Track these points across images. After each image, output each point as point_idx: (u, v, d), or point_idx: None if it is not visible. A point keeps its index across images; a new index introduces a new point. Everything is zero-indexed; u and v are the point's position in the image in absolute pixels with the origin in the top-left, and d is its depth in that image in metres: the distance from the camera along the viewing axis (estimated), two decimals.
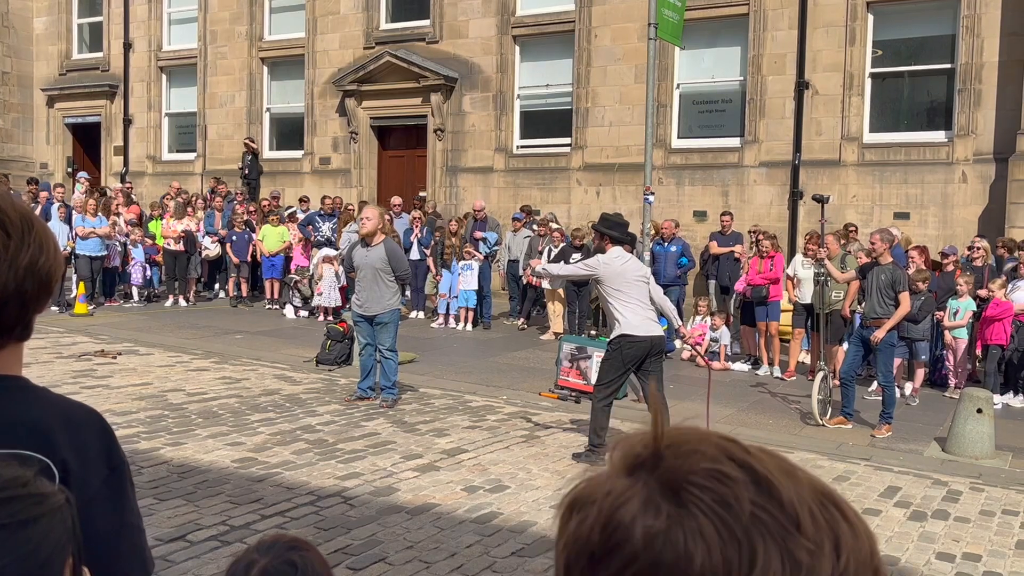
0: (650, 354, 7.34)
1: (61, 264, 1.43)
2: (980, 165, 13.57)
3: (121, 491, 1.50)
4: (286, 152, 20.53)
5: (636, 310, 7.31)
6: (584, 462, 7.35)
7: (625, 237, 7.72)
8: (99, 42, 23.52)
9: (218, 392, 9.48)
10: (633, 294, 7.34)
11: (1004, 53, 13.33)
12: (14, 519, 0.98)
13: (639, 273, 7.52)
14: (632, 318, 7.28)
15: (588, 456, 7.40)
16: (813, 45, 14.66)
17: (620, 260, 7.46)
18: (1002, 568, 5.53)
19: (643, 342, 7.29)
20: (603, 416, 7.38)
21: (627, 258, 7.54)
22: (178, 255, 16.45)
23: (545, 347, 13.12)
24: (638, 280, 7.44)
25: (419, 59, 18.09)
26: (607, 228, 7.65)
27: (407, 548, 5.35)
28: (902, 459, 8.04)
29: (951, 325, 10.91)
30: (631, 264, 7.52)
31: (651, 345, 7.32)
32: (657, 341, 7.40)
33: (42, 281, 1.39)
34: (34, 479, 1.03)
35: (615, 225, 7.73)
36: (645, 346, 7.29)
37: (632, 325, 7.27)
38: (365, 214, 9.32)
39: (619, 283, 7.34)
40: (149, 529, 5.32)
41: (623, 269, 7.41)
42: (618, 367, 7.37)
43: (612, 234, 7.57)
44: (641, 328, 7.28)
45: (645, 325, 7.31)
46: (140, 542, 1.53)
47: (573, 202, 16.58)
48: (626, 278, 7.36)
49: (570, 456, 7.57)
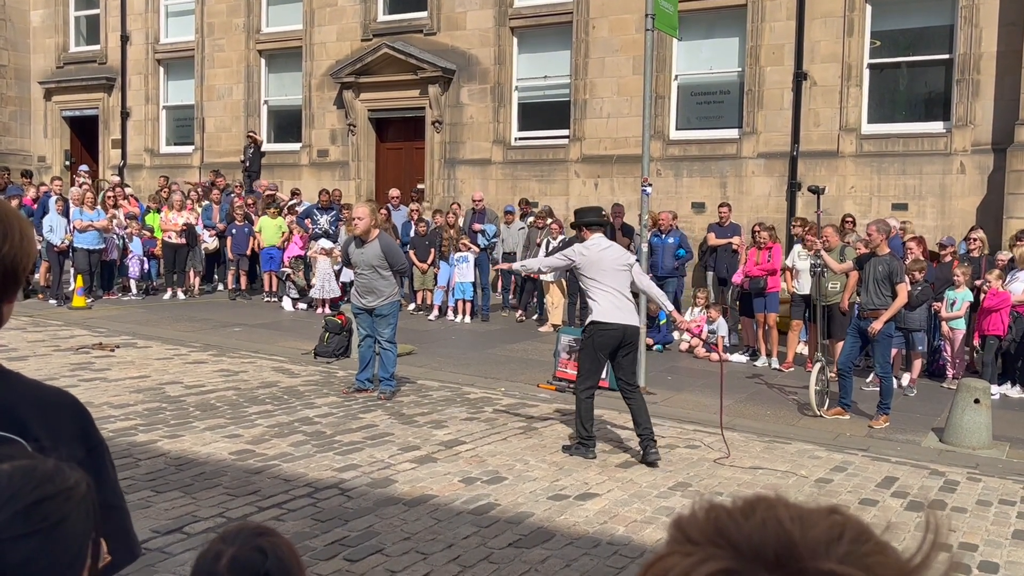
0: (623, 343, 7.27)
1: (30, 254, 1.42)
2: (978, 156, 13.56)
3: (101, 472, 1.50)
4: (284, 145, 20.49)
5: (610, 298, 7.23)
6: (573, 454, 7.34)
7: (601, 220, 7.75)
8: (96, 35, 23.45)
9: (216, 384, 9.48)
10: (609, 282, 7.26)
11: (1002, 43, 13.31)
12: (47, 522, 0.99)
13: (620, 261, 7.40)
14: (605, 305, 7.21)
15: (577, 448, 7.38)
16: (811, 36, 14.63)
17: (598, 248, 7.40)
18: (998, 558, 5.55)
19: (615, 330, 7.20)
20: (588, 407, 7.35)
21: (605, 245, 7.49)
22: (178, 248, 16.44)
23: (543, 339, 13.12)
24: (619, 269, 7.35)
25: (417, 51, 18.05)
26: (580, 218, 7.67)
27: (404, 539, 5.36)
28: (899, 449, 8.06)
29: (948, 316, 10.92)
30: (610, 252, 7.44)
31: (623, 334, 7.25)
32: (631, 331, 7.34)
33: (8, 269, 1.39)
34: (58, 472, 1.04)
35: (587, 212, 7.75)
36: (617, 334, 7.21)
37: (603, 312, 7.20)
38: (356, 214, 9.27)
39: (594, 271, 7.29)
40: (147, 521, 5.35)
41: (600, 257, 7.34)
42: (591, 356, 7.32)
43: (586, 221, 7.56)
44: (612, 315, 7.20)
45: (617, 313, 7.23)
46: (125, 524, 1.52)
47: (571, 194, 16.56)
48: (603, 266, 7.30)
49: None
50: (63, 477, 1.04)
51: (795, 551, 0.67)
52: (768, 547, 0.68)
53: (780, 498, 0.74)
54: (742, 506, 0.73)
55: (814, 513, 0.71)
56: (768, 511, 0.71)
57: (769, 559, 0.67)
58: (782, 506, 0.72)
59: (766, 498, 0.74)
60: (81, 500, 1.03)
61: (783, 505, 0.72)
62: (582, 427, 7.36)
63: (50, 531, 0.99)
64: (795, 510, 0.71)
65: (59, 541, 1.00)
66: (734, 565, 0.68)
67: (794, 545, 0.68)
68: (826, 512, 0.72)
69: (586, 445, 7.35)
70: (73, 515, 1.02)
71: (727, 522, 0.71)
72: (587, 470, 7.03)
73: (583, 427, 7.35)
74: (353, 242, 9.26)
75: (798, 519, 0.70)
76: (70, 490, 1.03)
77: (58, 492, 1.02)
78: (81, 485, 1.04)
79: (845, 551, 0.68)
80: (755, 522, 0.70)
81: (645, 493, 6.53)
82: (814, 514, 0.71)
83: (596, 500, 6.31)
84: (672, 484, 6.76)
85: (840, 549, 0.68)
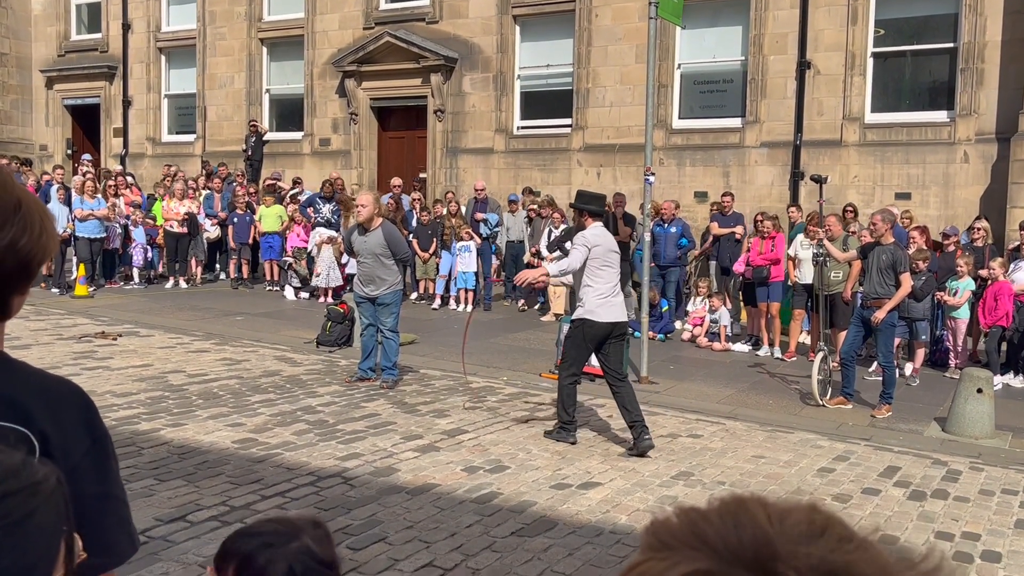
0: (611, 335, 7.31)
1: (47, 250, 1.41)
2: (982, 145, 13.51)
3: (104, 462, 1.49)
4: (286, 133, 20.45)
5: (607, 294, 7.27)
6: (554, 439, 7.40)
7: (602, 211, 7.79)
8: (98, 23, 23.40)
9: (219, 373, 9.49)
10: (610, 275, 7.32)
11: (1007, 32, 13.25)
12: (10, 518, 0.95)
13: (614, 247, 7.53)
14: (599, 301, 7.24)
15: (558, 433, 7.45)
16: (815, 24, 14.57)
17: (603, 235, 7.47)
18: (1001, 547, 5.55)
19: (606, 326, 7.28)
20: (570, 392, 7.39)
21: (605, 232, 7.58)
22: (180, 237, 16.44)
23: (545, 328, 13.12)
24: (616, 260, 7.48)
25: (419, 39, 18.00)
26: (584, 203, 7.64)
27: (407, 528, 5.36)
28: (902, 439, 8.06)
29: (951, 302, 10.90)
30: (609, 239, 7.54)
31: (613, 327, 7.30)
32: (620, 324, 7.39)
33: (22, 262, 1.37)
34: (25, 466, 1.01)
35: (592, 199, 7.73)
36: (608, 328, 7.27)
37: (596, 310, 7.23)
38: (360, 201, 9.27)
39: (600, 262, 7.31)
40: (149, 510, 5.36)
41: (607, 246, 7.42)
42: (579, 344, 7.36)
43: (590, 208, 7.56)
44: (604, 315, 7.24)
45: (610, 310, 7.27)
46: (125, 515, 1.52)
47: (574, 183, 16.50)
48: (608, 259, 7.37)
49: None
50: (30, 471, 0.99)
51: (773, 550, 0.65)
52: (746, 547, 0.66)
53: (756, 497, 0.71)
54: (717, 507, 0.71)
55: (792, 511, 0.69)
56: (744, 511, 0.69)
57: (748, 559, 0.65)
58: (758, 505, 0.70)
59: (741, 498, 0.72)
60: (50, 495, 0.99)
61: (759, 504, 0.70)
62: (564, 411, 7.41)
63: (13, 527, 0.95)
64: (772, 509, 0.69)
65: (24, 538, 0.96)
66: (711, 566, 0.66)
67: (772, 544, 0.66)
68: (805, 510, 0.70)
69: (567, 429, 7.40)
70: (40, 511, 0.98)
71: (702, 524, 0.69)
72: (589, 459, 7.03)
73: (564, 411, 7.41)
74: (356, 230, 9.24)
75: (776, 518, 0.68)
76: (37, 484, 0.99)
77: (24, 487, 0.97)
78: (50, 480, 1.00)
79: (826, 549, 0.66)
80: (731, 523, 0.68)
81: (648, 482, 6.53)
82: (792, 512, 0.69)
83: (599, 489, 6.31)
84: (675, 473, 6.77)
85: (820, 547, 0.66)
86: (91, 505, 1.43)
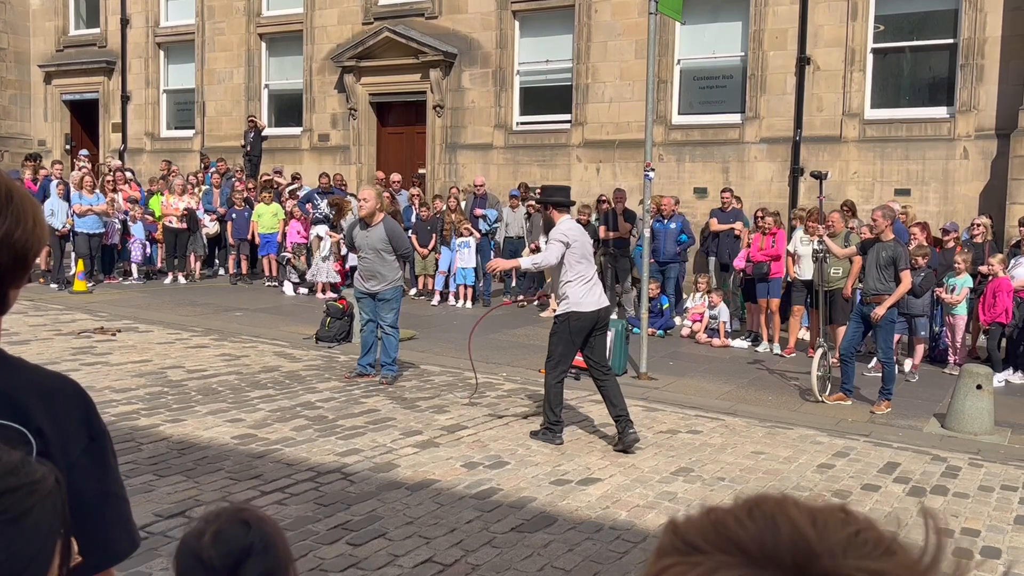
0: (596, 326, 7.26)
1: (41, 240, 1.40)
2: (982, 141, 13.50)
3: (103, 460, 1.48)
4: (285, 129, 20.42)
5: (588, 283, 7.23)
6: (540, 439, 7.30)
7: (569, 201, 7.75)
8: (96, 18, 23.35)
9: (218, 369, 9.48)
10: (581, 268, 7.24)
11: (1007, 28, 13.23)
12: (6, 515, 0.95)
13: (588, 240, 7.51)
14: (583, 290, 7.18)
15: (544, 434, 7.33)
16: (815, 20, 14.55)
17: (578, 230, 7.42)
18: (1000, 543, 5.55)
19: (591, 315, 7.22)
20: (557, 392, 7.28)
21: (577, 225, 7.54)
22: (179, 232, 16.42)
23: (544, 324, 13.08)
24: (591, 251, 7.49)
25: (418, 35, 17.97)
26: (549, 196, 7.61)
27: (407, 524, 5.36)
28: (901, 435, 8.06)
29: (949, 299, 10.90)
30: (583, 232, 7.50)
31: (598, 317, 7.25)
32: (604, 313, 7.33)
33: (17, 254, 1.36)
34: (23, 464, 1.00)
35: (556, 191, 7.71)
36: (593, 317, 7.21)
37: (581, 300, 7.17)
38: (362, 195, 9.25)
39: (578, 255, 7.24)
40: (149, 505, 5.35)
41: (583, 239, 7.36)
42: (566, 340, 7.24)
43: (555, 200, 7.51)
44: (589, 304, 7.19)
45: (593, 299, 7.22)
46: (125, 512, 1.51)
47: (573, 179, 16.50)
48: (586, 251, 7.34)
49: (569, 433, 7.57)
50: (29, 470, 0.99)
51: (813, 555, 0.63)
52: (784, 551, 0.64)
53: (787, 497, 0.69)
54: (745, 507, 0.68)
55: (827, 513, 0.67)
56: (778, 512, 0.67)
57: (786, 564, 0.63)
58: (792, 506, 0.67)
59: (771, 498, 0.69)
60: (48, 495, 0.99)
61: (793, 505, 0.68)
62: (551, 411, 7.29)
63: (8, 524, 0.95)
64: (806, 510, 0.67)
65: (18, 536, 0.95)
66: (748, 572, 0.63)
67: (812, 549, 0.63)
68: (839, 512, 0.68)
69: (553, 431, 7.30)
70: (37, 510, 0.97)
71: (734, 526, 0.66)
72: (589, 455, 7.03)
73: (551, 412, 7.28)
74: (357, 225, 9.22)
75: (813, 521, 0.66)
76: (35, 484, 0.98)
77: (21, 485, 0.97)
78: (49, 479, 1.00)
79: (863, 554, 0.64)
80: (765, 524, 0.65)
81: (647, 478, 6.53)
82: (828, 514, 0.67)
83: (598, 485, 6.31)
84: (674, 469, 6.76)
85: (859, 552, 0.64)
86: (90, 502, 1.42)
